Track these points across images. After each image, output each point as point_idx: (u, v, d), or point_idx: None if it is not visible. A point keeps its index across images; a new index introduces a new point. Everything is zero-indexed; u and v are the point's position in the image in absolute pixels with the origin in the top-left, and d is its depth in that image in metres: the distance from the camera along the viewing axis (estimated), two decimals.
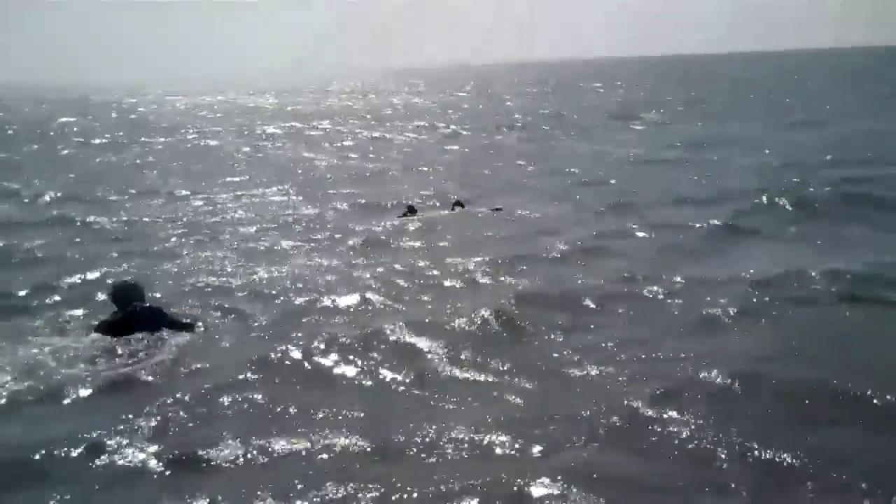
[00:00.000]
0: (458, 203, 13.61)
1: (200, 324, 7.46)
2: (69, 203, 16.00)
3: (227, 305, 8.17)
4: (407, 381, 6.12)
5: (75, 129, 37.11)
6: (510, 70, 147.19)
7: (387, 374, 6.25)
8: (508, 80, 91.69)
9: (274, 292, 8.65)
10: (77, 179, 19.80)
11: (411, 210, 13.32)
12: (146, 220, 13.93)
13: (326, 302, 8.21)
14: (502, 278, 8.95)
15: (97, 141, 31.00)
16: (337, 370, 6.37)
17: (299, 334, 7.08)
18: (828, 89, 46.37)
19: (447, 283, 8.83)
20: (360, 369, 6.36)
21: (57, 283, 9.39)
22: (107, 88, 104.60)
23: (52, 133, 35.27)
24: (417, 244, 11.18)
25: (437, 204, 14.37)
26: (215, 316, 7.81)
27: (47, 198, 16.63)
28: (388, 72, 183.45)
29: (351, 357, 6.55)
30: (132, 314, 7.14)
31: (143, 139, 31.23)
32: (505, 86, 76.98)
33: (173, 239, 12.20)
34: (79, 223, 13.75)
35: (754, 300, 7.66)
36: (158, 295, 8.34)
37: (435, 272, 9.31)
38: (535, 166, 19.82)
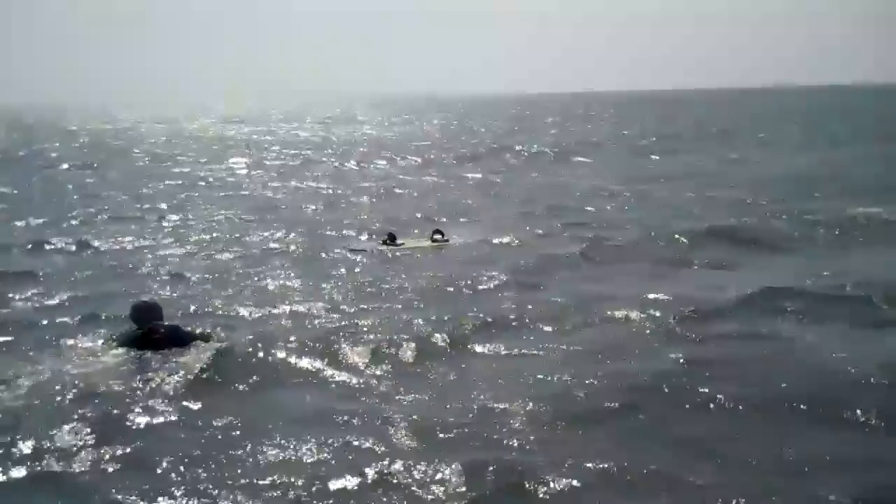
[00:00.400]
0: (438, 231, 13.77)
1: (213, 341, 7.80)
2: (47, 228, 16.15)
3: (227, 325, 8.56)
4: (370, 391, 6.74)
5: (53, 154, 36.97)
6: (487, 102, 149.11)
7: (351, 387, 6.86)
8: (484, 112, 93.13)
9: (262, 315, 9.14)
10: (53, 205, 19.80)
11: (391, 238, 13.45)
12: (127, 245, 14.16)
13: (315, 326, 8.61)
14: (465, 302, 9.59)
15: (65, 166, 31.05)
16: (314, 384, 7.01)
17: (288, 354, 7.53)
18: (810, 126, 48.01)
19: (417, 307, 9.39)
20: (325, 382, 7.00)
21: (58, 304, 9.77)
22: (85, 109, 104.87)
23: (24, 158, 35.05)
24: (397, 271, 11.58)
25: (417, 233, 14.55)
26: (222, 335, 8.12)
27: (24, 223, 16.59)
28: (367, 99, 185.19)
29: (319, 369, 7.24)
30: (152, 332, 7.46)
31: (116, 165, 31.19)
32: (480, 117, 78.32)
33: (155, 263, 12.49)
34: (59, 247, 13.90)
35: (686, 321, 8.39)
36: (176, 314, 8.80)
37: (410, 297, 9.91)
38: (502, 196, 20.63)
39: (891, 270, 10.64)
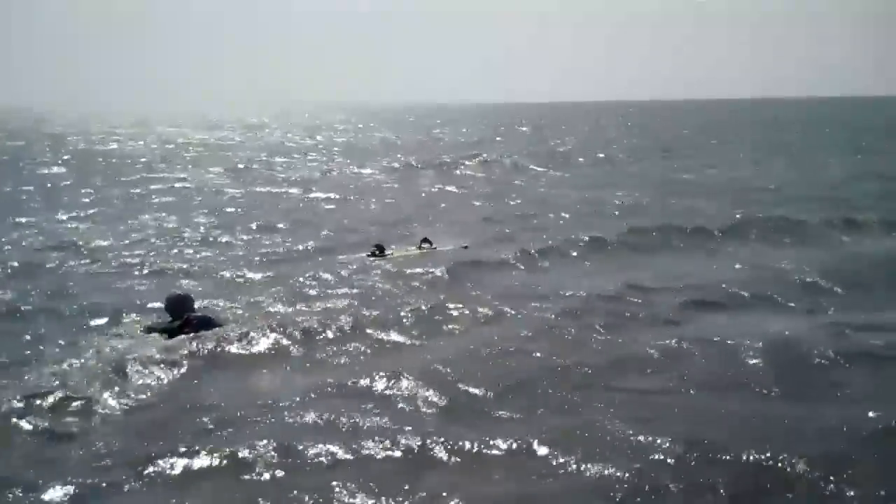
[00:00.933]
0: (426, 240, 13.92)
1: (233, 330, 8.71)
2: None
3: (236, 321, 9.48)
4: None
5: (39, 158, 37.39)
6: (486, 111, 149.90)
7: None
8: (473, 121, 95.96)
9: (269, 312, 10.06)
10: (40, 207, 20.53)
11: (379, 249, 13.61)
12: (112, 247, 15.11)
13: (309, 323, 9.51)
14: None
15: (47, 171, 31.48)
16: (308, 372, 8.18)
17: (295, 343, 8.82)
18: (787, 137, 49.95)
19: (400, 307, 10.33)
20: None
21: (82, 300, 10.72)
22: (79, 115, 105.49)
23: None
24: (386, 282, 12.00)
25: (405, 241, 14.85)
26: (238, 326, 9.10)
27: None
28: (364, 108, 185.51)
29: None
30: (187, 322, 8.28)
31: (97, 168, 31.17)
32: (442, 125, 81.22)
33: (141, 264, 13.43)
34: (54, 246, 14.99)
35: (615, 313, 9.95)
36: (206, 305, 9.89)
37: (393, 299, 10.84)
38: (478, 203, 22.03)
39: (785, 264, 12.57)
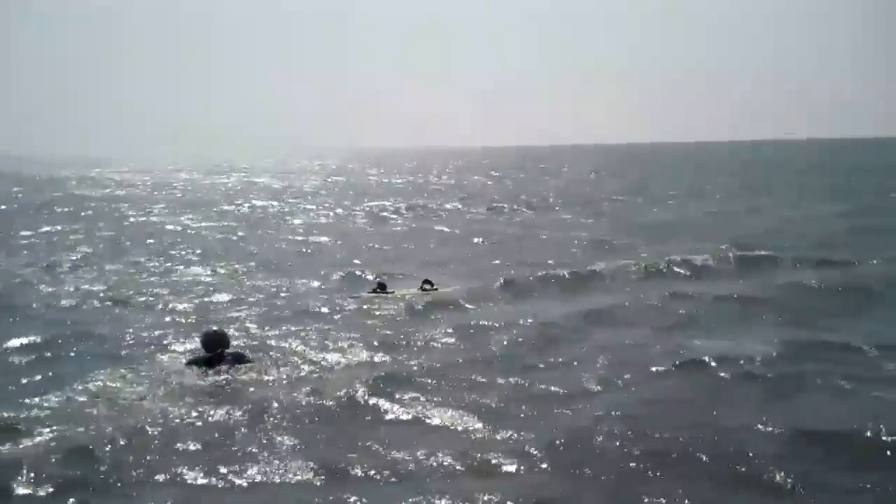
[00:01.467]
0: (428, 281, 14.30)
1: (259, 365, 9.30)
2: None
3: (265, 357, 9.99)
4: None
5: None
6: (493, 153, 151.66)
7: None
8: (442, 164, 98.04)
9: (297, 359, 10.20)
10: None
11: (381, 286, 13.98)
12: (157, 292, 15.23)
13: (310, 365, 9.87)
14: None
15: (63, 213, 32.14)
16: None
17: (309, 373, 9.46)
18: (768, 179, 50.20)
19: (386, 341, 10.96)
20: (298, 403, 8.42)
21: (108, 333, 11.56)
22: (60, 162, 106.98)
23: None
24: (391, 316, 12.59)
25: (406, 281, 15.15)
26: (266, 361, 9.70)
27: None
28: (353, 153, 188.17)
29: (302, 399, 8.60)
30: (221, 357, 8.95)
31: (106, 218, 31.52)
32: (439, 169, 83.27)
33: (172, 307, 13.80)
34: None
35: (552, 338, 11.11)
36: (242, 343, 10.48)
37: (397, 337, 11.23)
38: (482, 246, 22.44)
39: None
